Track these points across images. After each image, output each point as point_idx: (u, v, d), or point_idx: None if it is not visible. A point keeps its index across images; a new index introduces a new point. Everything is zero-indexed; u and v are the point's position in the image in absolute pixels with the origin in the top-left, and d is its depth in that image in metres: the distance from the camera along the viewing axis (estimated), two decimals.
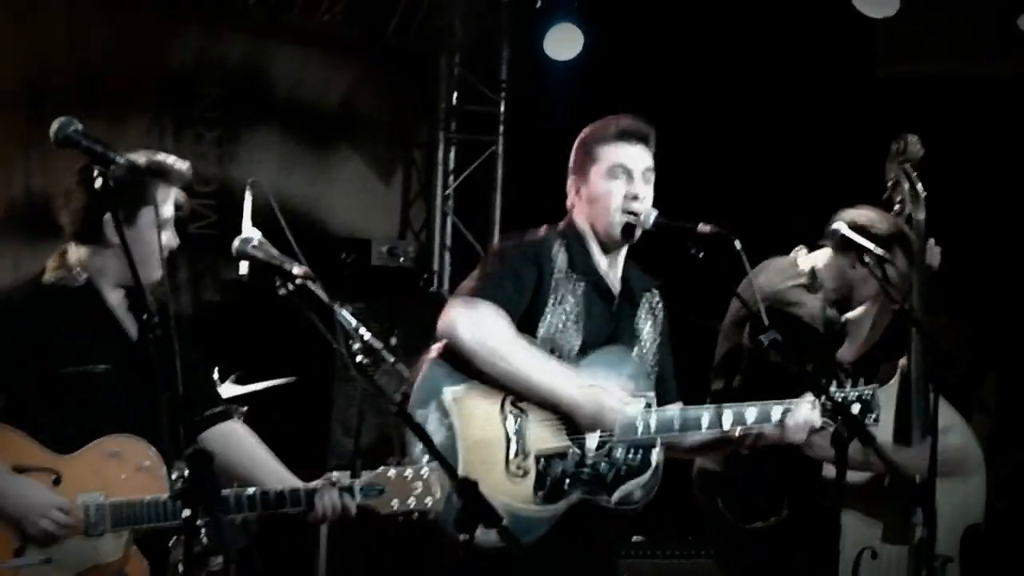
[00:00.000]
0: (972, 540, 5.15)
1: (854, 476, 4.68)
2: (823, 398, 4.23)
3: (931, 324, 5.06)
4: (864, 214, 5.06)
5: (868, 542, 4.94)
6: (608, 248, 4.32)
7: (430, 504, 3.88)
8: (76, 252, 3.95)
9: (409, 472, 3.89)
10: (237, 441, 4.11)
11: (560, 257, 4.24)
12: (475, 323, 4.03)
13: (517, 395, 4.06)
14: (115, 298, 3.99)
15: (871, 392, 4.41)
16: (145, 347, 3.87)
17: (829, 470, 4.65)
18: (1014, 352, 7.90)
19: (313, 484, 3.90)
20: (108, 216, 3.82)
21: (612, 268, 4.35)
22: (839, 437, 4.12)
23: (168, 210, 3.96)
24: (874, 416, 4.38)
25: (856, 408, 4.35)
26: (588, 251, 4.30)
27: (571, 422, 4.13)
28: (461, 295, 4.14)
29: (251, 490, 3.85)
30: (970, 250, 7.81)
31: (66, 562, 3.72)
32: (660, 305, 4.46)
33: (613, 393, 4.14)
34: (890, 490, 4.93)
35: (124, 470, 3.81)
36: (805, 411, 4.28)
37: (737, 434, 4.30)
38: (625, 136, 4.30)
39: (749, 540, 4.95)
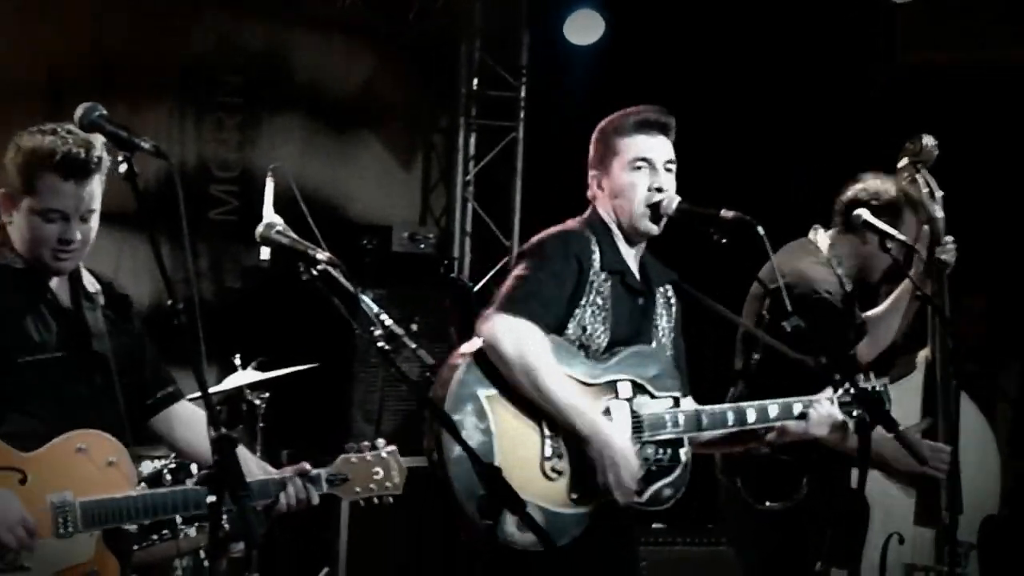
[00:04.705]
0: (990, 530, 5.14)
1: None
2: (837, 390, 4.23)
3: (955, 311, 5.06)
4: (869, 186, 5.05)
5: (897, 526, 4.93)
6: (633, 241, 4.27)
7: (390, 488, 3.90)
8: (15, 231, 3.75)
9: (370, 456, 3.89)
10: (194, 422, 3.97)
11: (596, 253, 4.19)
12: (517, 339, 3.96)
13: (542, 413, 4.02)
14: (55, 282, 3.80)
15: (883, 386, 4.37)
16: (87, 330, 3.79)
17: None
18: None
19: (281, 473, 3.80)
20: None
21: (635, 262, 4.30)
22: (862, 423, 4.11)
23: (63, 202, 3.69)
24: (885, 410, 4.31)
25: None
26: (616, 246, 4.25)
27: None
28: (505, 302, 4.06)
29: None
30: (990, 236, 7.81)
31: (39, 566, 3.53)
32: (674, 298, 4.42)
33: (621, 451, 4.01)
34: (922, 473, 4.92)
35: (92, 466, 3.64)
36: (827, 405, 4.28)
37: (760, 429, 4.30)
38: (645, 127, 4.23)
39: (764, 524, 4.94)
